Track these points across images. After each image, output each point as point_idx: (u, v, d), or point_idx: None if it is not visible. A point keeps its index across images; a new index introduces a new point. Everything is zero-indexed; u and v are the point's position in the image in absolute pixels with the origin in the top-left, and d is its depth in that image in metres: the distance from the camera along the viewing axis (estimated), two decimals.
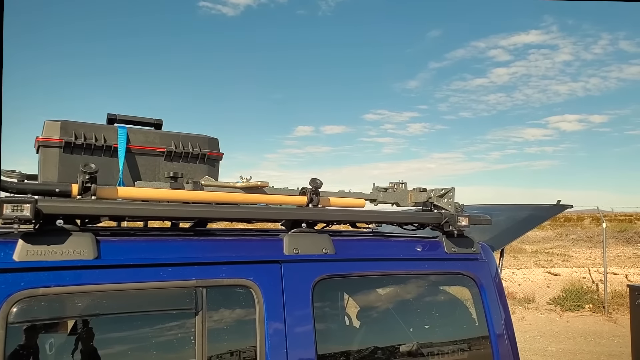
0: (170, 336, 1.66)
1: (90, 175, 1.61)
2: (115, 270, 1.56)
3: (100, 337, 1.59)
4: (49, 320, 1.52)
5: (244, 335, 1.75)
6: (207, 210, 1.80)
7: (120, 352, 1.62)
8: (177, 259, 1.66)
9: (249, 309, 1.75)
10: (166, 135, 2.12)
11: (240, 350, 1.75)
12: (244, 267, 1.76)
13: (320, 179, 2.03)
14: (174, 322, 1.67)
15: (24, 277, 1.44)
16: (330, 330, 2.10)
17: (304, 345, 1.78)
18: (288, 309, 1.78)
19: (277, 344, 1.73)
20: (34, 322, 1.47)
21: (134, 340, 1.65)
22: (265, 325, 1.72)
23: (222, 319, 1.72)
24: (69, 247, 1.51)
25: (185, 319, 1.66)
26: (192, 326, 1.64)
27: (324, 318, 1.96)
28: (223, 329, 1.71)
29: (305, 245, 1.90)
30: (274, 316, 1.75)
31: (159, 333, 1.66)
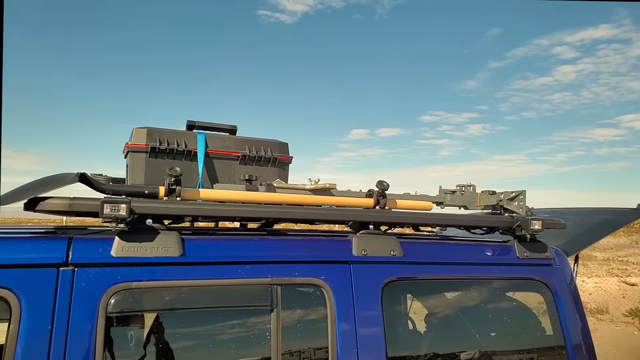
0: (248, 331, 1.75)
1: (175, 178, 1.73)
2: (198, 267, 1.67)
3: (184, 330, 1.71)
4: (140, 311, 1.64)
5: (315, 333, 1.81)
6: (281, 211, 1.88)
7: (202, 344, 1.73)
8: (254, 257, 1.75)
9: (320, 307, 1.81)
10: (240, 140, 2.24)
11: (313, 348, 1.81)
12: (315, 267, 1.82)
13: (387, 182, 2.07)
14: (251, 318, 1.77)
15: (120, 272, 1.58)
16: (399, 333, 2.13)
17: (374, 346, 1.82)
18: (358, 309, 1.83)
19: (347, 344, 1.78)
20: (127, 312, 1.60)
21: (215, 334, 1.75)
22: (336, 325, 1.78)
23: (295, 316, 1.79)
24: (157, 244, 1.64)
25: (261, 315, 1.74)
26: (268, 322, 1.72)
27: (392, 320, 1.99)
28: (296, 326, 1.79)
29: (373, 246, 1.94)
30: (344, 316, 1.80)
31: (237, 328, 1.75)
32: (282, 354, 1.71)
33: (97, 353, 1.49)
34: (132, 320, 1.64)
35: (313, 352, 1.80)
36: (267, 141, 2.29)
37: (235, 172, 2.20)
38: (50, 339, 1.46)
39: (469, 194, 2.34)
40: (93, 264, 1.56)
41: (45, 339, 1.45)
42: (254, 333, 1.74)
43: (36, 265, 1.50)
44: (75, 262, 1.54)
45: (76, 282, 1.52)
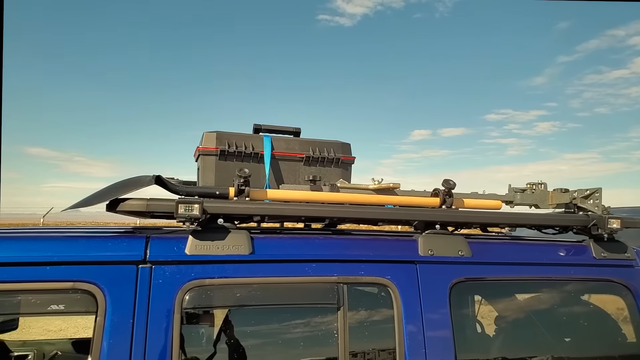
0: (315, 329, 1.78)
1: (244, 179, 1.80)
2: (266, 265, 1.72)
3: (253, 326, 1.77)
4: (212, 307, 1.72)
5: (382, 332, 1.82)
6: (345, 210, 1.90)
7: (271, 340, 1.78)
8: (320, 255, 1.78)
9: (386, 307, 1.81)
10: (304, 142, 2.28)
11: (380, 347, 1.81)
12: (381, 266, 1.82)
13: (454, 180, 2.03)
14: (318, 316, 1.79)
15: (194, 269, 1.66)
16: (468, 335, 2.08)
17: (443, 349, 1.79)
18: (425, 310, 1.81)
19: (415, 345, 1.76)
20: (201, 308, 1.68)
21: (283, 331, 1.80)
22: (403, 325, 1.77)
23: (361, 315, 1.80)
24: (228, 243, 1.71)
25: (328, 313, 1.77)
26: (335, 320, 1.74)
27: (461, 323, 1.95)
28: (363, 324, 1.79)
29: (440, 246, 1.91)
30: (411, 316, 1.79)
31: (305, 325, 1.79)
32: (349, 352, 1.73)
33: (174, 346, 1.57)
34: (205, 315, 1.71)
35: (379, 352, 1.81)
36: (330, 142, 2.32)
37: (299, 173, 2.25)
38: (132, 332, 1.55)
39: (540, 192, 2.26)
40: (169, 261, 1.64)
41: (127, 332, 1.55)
42: (321, 331, 1.77)
43: (118, 262, 1.61)
44: (152, 260, 1.63)
45: (154, 278, 1.61)
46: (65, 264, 1.57)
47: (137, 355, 1.53)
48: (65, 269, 1.56)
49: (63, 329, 7.90)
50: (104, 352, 1.52)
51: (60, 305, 1.55)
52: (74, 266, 1.57)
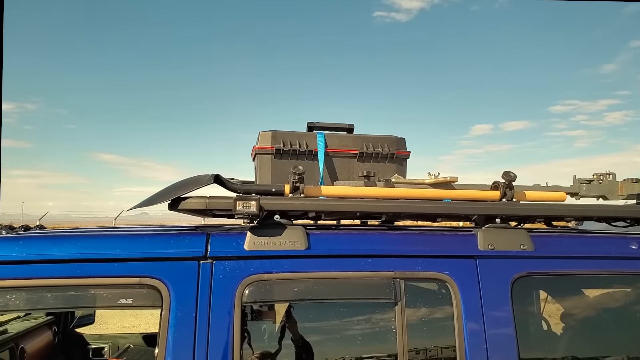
0: (373, 324, 1.78)
1: (299, 176, 1.83)
2: (323, 260, 1.74)
3: (312, 321, 1.80)
4: (271, 301, 1.76)
5: (441, 328, 1.79)
6: (401, 205, 1.89)
7: (329, 334, 1.81)
8: (375, 250, 1.78)
9: (445, 303, 1.78)
10: (358, 138, 2.29)
11: (439, 344, 1.79)
12: (439, 261, 1.80)
13: (514, 172, 1.96)
14: (375, 311, 1.79)
15: (252, 264, 1.70)
16: (532, 333, 2.01)
17: (505, 345, 1.74)
18: (486, 306, 1.76)
19: (476, 341, 1.72)
20: (260, 302, 1.73)
21: (341, 325, 1.81)
22: (463, 322, 1.73)
23: (420, 310, 1.78)
24: (285, 238, 1.74)
25: (385, 308, 1.76)
26: (392, 316, 1.73)
27: (524, 319, 1.89)
28: (421, 320, 1.77)
29: (500, 241, 1.85)
30: (471, 313, 1.75)
31: (362, 320, 1.79)
32: (407, 349, 1.71)
33: (235, 339, 1.63)
34: (264, 309, 1.76)
35: (439, 348, 1.78)
36: (384, 137, 2.31)
37: (353, 169, 2.26)
38: (194, 325, 1.62)
39: (608, 183, 2.13)
40: (229, 257, 1.70)
41: (190, 325, 1.62)
42: (379, 326, 1.77)
43: (181, 258, 1.68)
44: (213, 256, 1.69)
45: (214, 273, 1.68)
46: (132, 261, 1.66)
47: (200, 347, 1.60)
48: (132, 265, 1.66)
49: (136, 325, 8.35)
50: (169, 344, 1.60)
51: (128, 299, 1.64)
52: (140, 262, 1.66)
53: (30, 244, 1.67)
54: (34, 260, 1.63)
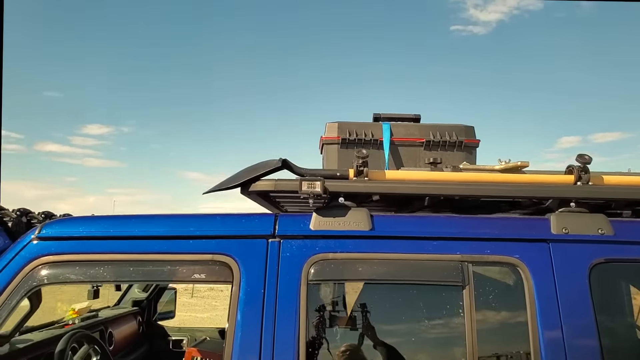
0: (439, 307, 1.75)
1: (362, 160, 1.85)
2: (387, 241, 1.75)
3: (377, 300, 1.80)
4: (335, 280, 1.79)
5: (512, 316, 1.72)
6: (469, 188, 1.85)
7: (393, 316, 1.80)
8: (442, 233, 1.75)
9: (516, 287, 1.71)
10: (424, 126, 2.28)
11: (510, 332, 1.72)
12: (509, 245, 1.73)
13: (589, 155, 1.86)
14: (442, 294, 1.76)
15: (318, 243, 1.74)
16: (615, 322, 1.87)
17: (584, 333, 1.64)
18: (561, 292, 1.67)
19: (551, 328, 1.64)
20: (325, 280, 1.76)
21: (405, 308, 1.80)
22: (536, 307, 1.66)
23: (489, 295, 1.72)
24: (349, 219, 1.77)
25: (453, 291, 1.72)
26: (460, 299, 1.69)
27: (604, 307, 1.76)
28: (491, 304, 1.72)
29: (576, 224, 1.76)
30: (545, 298, 1.66)
31: (428, 301, 1.77)
32: (476, 336, 1.66)
33: (302, 316, 1.66)
34: (329, 287, 1.79)
35: (511, 337, 1.71)
36: (451, 126, 2.28)
37: (420, 158, 2.25)
38: (263, 300, 1.68)
39: None
40: (295, 236, 1.75)
41: (259, 300, 1.68)
42: (445, 308, 1.73)
43: (251, 236, 1.76)
44: (281, 235, 1.75)
45: (282, 251, 1.73)
46: (205, 238, 1.76)
47: (268, 321, 1.65)
48: (205, 243, 1.76)
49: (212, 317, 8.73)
50: (238, 318, 1.67)
51: (202, 274, 1.74)
52: (213, 240, 1.76)
53: (116, 223, 1.83)
54: (119, 236, 1.77)
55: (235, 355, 1.63)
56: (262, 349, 1.63)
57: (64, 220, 1.84)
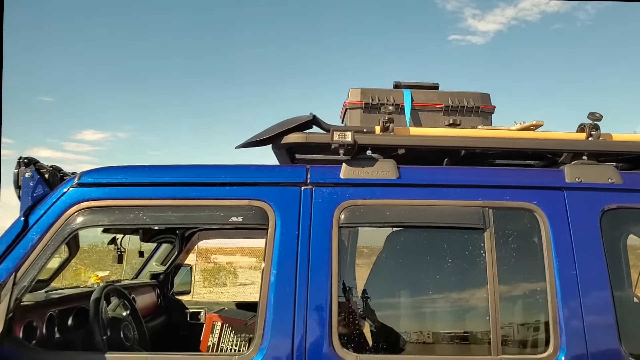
0: (462, 248, 1.86)
1: (389, 116, 1.97)
2: (413, 188, 1.86)
3: (402, 245, 1.92)
4: (364, 224, 1.89)
5: (530, 254, 1.83)
6: (490, 140, 1.96)
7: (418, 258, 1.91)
8: (464, 181, 1.87)
9: (533, 231, 1.83)
10: (443, 93, 2.40)
11: (528, 270, 1.83)
12: (527, 192, 1.85)
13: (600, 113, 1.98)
14: (465, 237, 1.87)
15: (348, 191, 1.86)
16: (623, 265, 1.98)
17: (596, 273, 1.75)
18: (575, 235, 1.79)
19: (565, 267, 1.75)
20: (354, 225, 1.87)
21: (430, 248, 1.91)
22: (552, 248, 1.77)
23: (508, 238, 1.83)
24: (377, 169, 1.88)
25: (474, 234, 1.83)
26: (481, 241, 1.80)
27: (613, 254, 1.88)
28: (510, 247, 1.83)
29: (588, 174, 1.88)
30: (560, 241, 1.78)
31: (451, 244, 1.88)
32: (497, 274, 1.77)
33: (334, 257, 1.77)
34: (358, 232, 1.91)
35: (528, 273, 1.82)
36: (468, 93, 2.40)
37: (439, 123, 2.36)
38: (297, 242, 1.79)
39: None
40: (326, 183, 1.87)
41: (293, 242, 1.79)
42: (468, 250, 1.84)
43: (285, 184, 1.87)
44: (313, 182, 1.87)
45: (314, 198, 1.85)
46: (243, 185, 1.87)
47: (302, 262, 1.76)
48: (242, 189, 1.87)
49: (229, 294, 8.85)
50: (274, 259, 1.78)
51: (239, 218, 1.85)
52: (250, 187, 1.87)
53: (154, 171, 1.93)
54: (158, 183, 1.88)
55: (272, 292, 1.73)
56: (298, 285, 1.73)
57: (103, 169, 1.94)
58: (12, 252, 1.75)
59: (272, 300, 1.72)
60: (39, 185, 1.91)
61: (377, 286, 1.92)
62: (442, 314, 1.87)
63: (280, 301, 1.72)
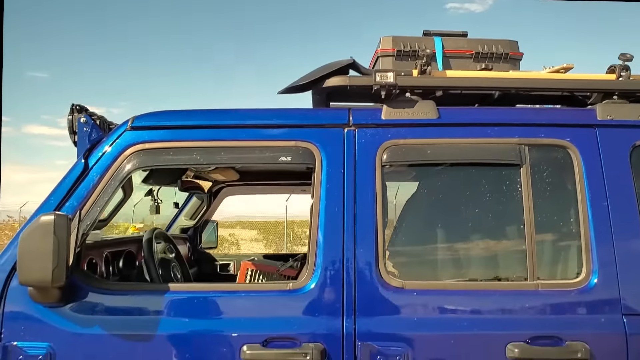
0: (499, 183, 1.96)
1: (425, 59, 2.04)
2: (452, 128, 1.96)
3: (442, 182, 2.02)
4: (406, 163, 1.99)
5: (563, 189, 1.94)
6: (526, 80, 2.05)
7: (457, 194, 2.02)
8: (501, 120, 1.96)
9: (566, 166, 1.93)
10: (472, 40, 2.45)
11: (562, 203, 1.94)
12: (560, 129, 1.94)
13: (631, 53, 2.05)
14: (502, 173, 1.97)
15: (389, 131, 1.95)
16: None
17: (626, 205, 1.86)
18: (606, 170, 1.89)
19: (596, 201, 1.86)
20: (397, 164, 1.96)
21: (469, 184, 2.01)
22: (585, 184, 1.87)
23: (542, 173, 1.93)
24: (417, 110, 1.97)
25: (510, 171, 1.93)
26: (517, 176, 1.90)
27: None
28: (545, 181, 1.93)
29: (619, 112, 1.97)
30: (592, 176, 1.88)
31: (489, 180, 1.98)
32: (533, 208, 1.87)
33: (377, 194, 1.88)
34: (400, 170, 2.01)
35: (563, 206, 1.93)
36: (497, 40, 2.46)
37: (470, 69, 2.43)
38: (343, 180, 1.89)
39: None
40: (369, 124, 1.96)
41: (339, 180, 1.90)
42: (505, 184, 1.94)
43: (329, 125, 1.97)
44: (356, 124, 1.96)
45: (357, 139, 1.94)
46: (289, 127, 1.97)
47: (349, 197, 1.87)
48: (290, 131, 1.96)
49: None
50: (322, 196, 1.89)
51: (287, 157, 1.95)
52: (296, 129, 1.96)
53: (204, 114, 2.02)
54: (209, 125, 1.97)
55: (321, 224, 1.85)
56: (345, 218, 1.85)
57: (154, 113, 2.03)
58: (75, 192, 1.86)
59: (322, 232, 1.84)
60: (94, 130, 2.00)
61: (418, 219, 2.03)
62: (481, 244, 1.98)
63: (329, 232, 1.84)
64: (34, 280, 1.61)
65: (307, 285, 1.81)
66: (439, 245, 1.99)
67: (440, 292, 1.84)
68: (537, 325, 1.79)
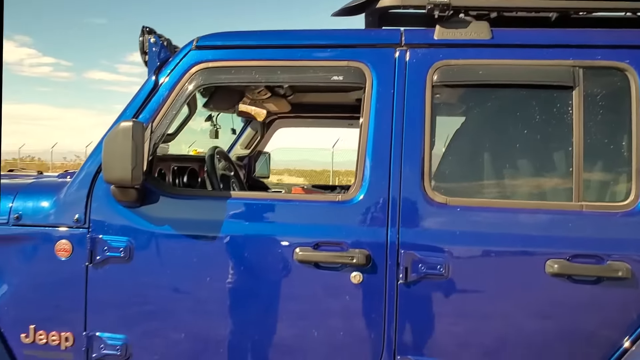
0: (549, 106, 1.97)
1: None
2: (505, 49, 1.96)
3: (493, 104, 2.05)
4: (457, 84, 2.02)
5: (616, 113, 1.92)
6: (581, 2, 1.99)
7: (509, 113, 2.04)
8: (555, 41, 1.94)
9: (622, 90, 1.90)
10: None
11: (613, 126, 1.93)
12: (618, 51, 1.90)
13: None
14: (552, 95, 1.97)
15: (441, 51, 1.98)
16: None
17: None
18: None
19: None
20: (448, 85, 1.99)
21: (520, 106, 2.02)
22: None
23: (596, 96, 1.91)
24: (470, 30, 1.98)
25: (562, 93, 1.93)
26: (569, 99, 1.90)
27: None
28: (598, 104, 1.91)
29: None
30: None
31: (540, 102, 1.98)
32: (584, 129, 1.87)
33: (427, 115, 1.93)
34: (452, 91, 2.05)
35: (614, 129, 1.92)
36: None
37: None
38: (392, 99, 1.96)
39: None
40: (420, 44, 1.99)
41: (389, 99, 1.96)
42: (556, 107, 1.94)
43: (380, 45, 2.02)
44: (407, 44, 2.00)
45: (409, 59, 1.98)
46: (341, 47, 2.03)
47: (398, 116, 1.95)
48: (342, 51, 2.03)
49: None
50: (372, 115, 1.97)
51: (339, 77, 2.03)
52: (348, 49, 2.03)
53: (264, 35, 2.12)
54: (268, 45, 2.07)
55: (370, 142, 1.94)
56: (394, 136, 1.93)
57: (217, 33, 2.14)
58: (147, 106, 2.04)
59: (371, 148, 1.94)
60: (162, 50, 2.15)
61: (467, 138, 2.08)
62: (528, 164, 2.02)
63: (377, 149, 1.94)
64: (116, 178, 1.83)
65: (356, 197, 1.93)
66: (486, 165, 2.04)
67: (483, 209, 1.91)
68: (579, 244, 1.83)
